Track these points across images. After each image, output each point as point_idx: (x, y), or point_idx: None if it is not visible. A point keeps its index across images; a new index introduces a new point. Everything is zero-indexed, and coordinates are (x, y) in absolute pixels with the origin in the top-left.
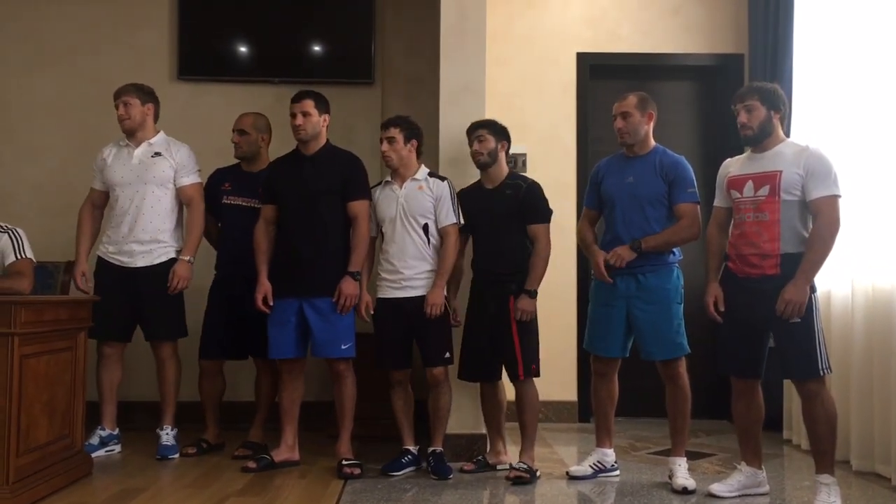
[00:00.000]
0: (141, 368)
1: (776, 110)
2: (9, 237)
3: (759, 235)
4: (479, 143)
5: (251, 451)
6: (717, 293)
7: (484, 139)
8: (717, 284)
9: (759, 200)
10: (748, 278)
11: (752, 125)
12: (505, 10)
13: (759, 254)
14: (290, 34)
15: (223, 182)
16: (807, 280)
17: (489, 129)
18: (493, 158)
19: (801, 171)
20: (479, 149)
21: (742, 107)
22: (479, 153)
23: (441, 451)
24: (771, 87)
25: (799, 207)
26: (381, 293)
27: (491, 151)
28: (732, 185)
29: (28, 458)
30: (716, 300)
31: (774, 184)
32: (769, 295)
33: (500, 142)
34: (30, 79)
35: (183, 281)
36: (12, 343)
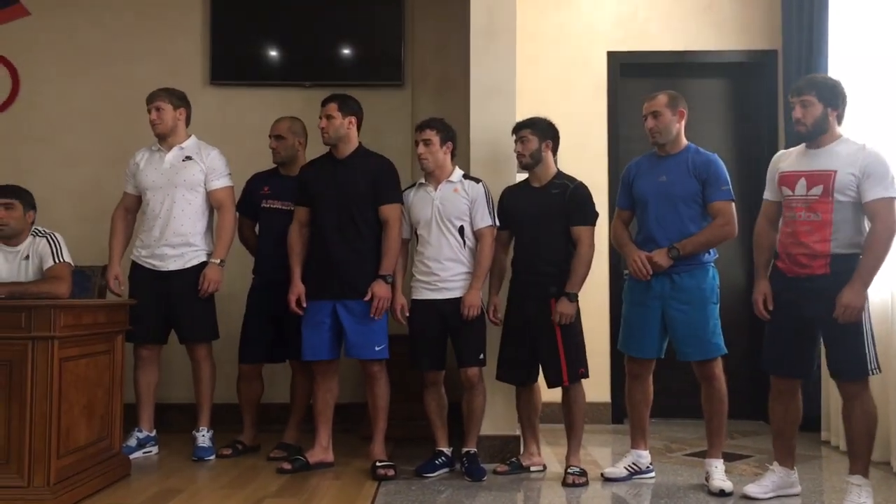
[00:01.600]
0: (177, 371)
1: (833, 107)
2: (47, 241)
3: (809, 235)
4: (522, 145)
5: (286, 452)
6: (767, 291)
7: (527, 140)
8: (766, 282)
9: (812, 200)
10: (797, 277)
11: (807, 121)
12: (534, 10)
13: (808, 254)
14: (321, 38)
15: (262, 186)
16: (864, 284)
17: (532, 129)
18: (535, 159)
19: (856, 171)
20: (521, 150)
21: (798, 101)
22: (522, 154)
23: (475, 452)
24: (832, 82)
25: (853, 208)
26: (416, 294)
27: (533, 152)
28: (784, 181)
29: (68, 460)
30: (765, 298)
31: (828, 184)
32: (818, 294)
33: (543, 141)
34: (66, 86)
35: (213, 284)
36: (52, 346)
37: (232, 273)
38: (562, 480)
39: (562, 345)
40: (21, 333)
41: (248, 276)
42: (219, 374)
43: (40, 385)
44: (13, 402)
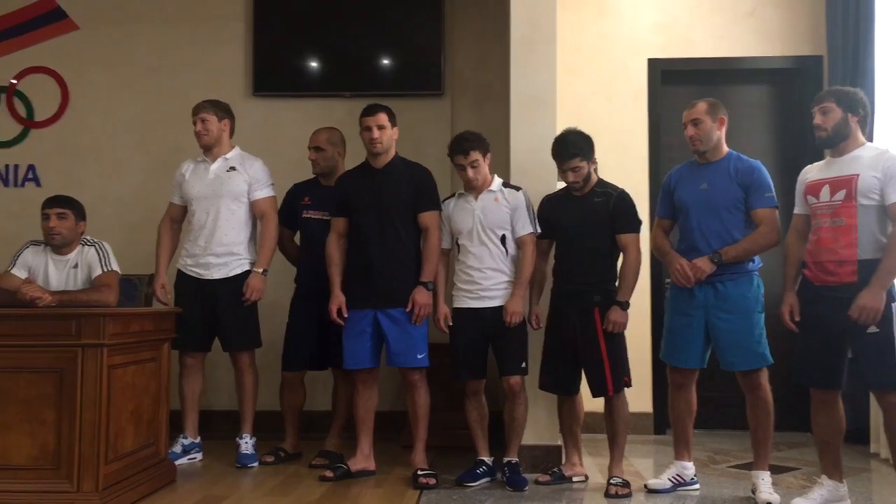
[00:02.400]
0: (220, 378)
1: (853, 113)
2: (95, 251)
3: (835, 241)
4: (575, 174)
5: (328, 460)
6: (793, 302)
7: (578, 168)
8: (793, 294)
9: (836, 205)
10: (825, 286)
11: (826, 126)
12: (575, 18)
13: (835, 260)
14: (361, 48)
15: (302, 196)
16: (883, 286)
17: (581, 157)
18: (586, 181)
19: (878, 174)
20: (575, 178)
21: (818, 109)
22: (576, 182)
23: (517, 462)
24: (852, 90)
25: (877, 212)
26: (457, 303)
27: (586, 176)
28: (810, 190)
29: (116, 466)
30: (791, 310)
31: (851, 188)
32: (847, 304)
33: (590, 160)
34: (113, 98)
35: (257, 293)
36: (101, 354)
37: (274, 281)
38: (604, 491)
39: (606, 354)
40: (71, 341)
41: (291, 284)
42: (261, 382)
43: (89, 392)
44: (63, 409)
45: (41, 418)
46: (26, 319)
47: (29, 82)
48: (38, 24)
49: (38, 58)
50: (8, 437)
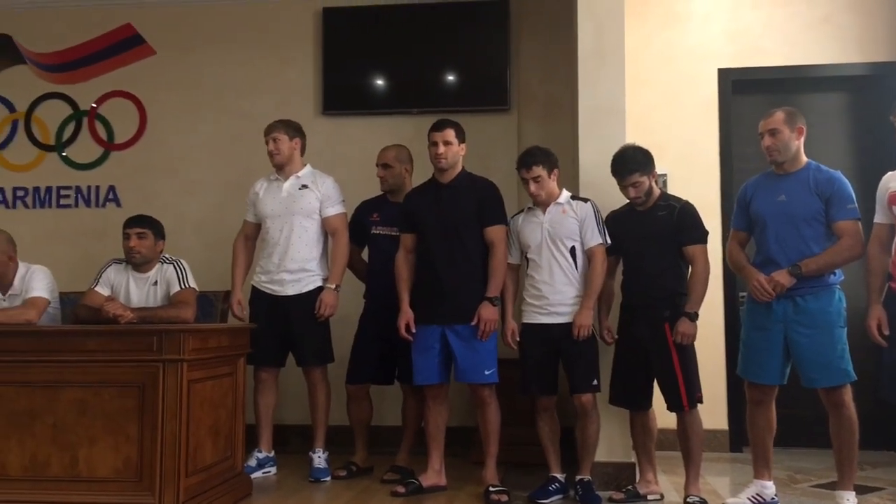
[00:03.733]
0: (292, 393)
1: None
2: (174, 268)
3: None
4: (636, 189)
5: (399, 475)
6: (881, 315)
7: (639, 184)
8: (880, 306)
9: None
10: None
11: None
12: (642, 28)
13: None
14: (427, 65)
15: (371, 213)
16: None
17: (641, 172)
18: (649, 195)
19: None
20: (637, 193)
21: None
22: (637, 197)
23: (590, 479)
24: None
25: None
26: (526, 318)
27: (647, 190)
28: (894, 200)
29: (196, 479)
30: (879, 323)
31: None
32: None
33: (650, 175)
34: (189, 120)
35: (330, 308)
36: (181, 369)
37: (343, 297)
38: None
39: (679, 369)
40: (153, 356)
41: (360, 299)
42: (333, 397)
43: (170, 406)
44: (145, 423)
45: (125, 432)
46: (110, 336)
47: (109, 106)
48: (118, 51)
49: (117, 82)
50: (93, 449)
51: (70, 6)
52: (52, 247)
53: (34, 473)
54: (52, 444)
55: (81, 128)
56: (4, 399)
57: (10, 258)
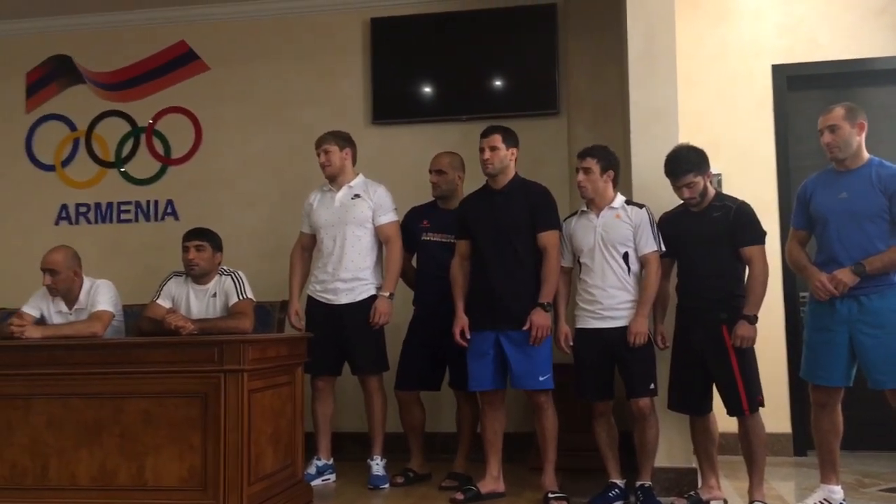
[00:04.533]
0: (348, 401)
1: None
2: (232, 280)
3: None
4: (690, 190)
5: (457, 481)
6: None
7: (693, 184)
8: None
9: None
10: None
11: None
12: (692, 28)
13: None
14: (476, 71)
15: (421, 219)
16: None
17: (695, 172)
18: (703, 196)
19: None
20: (691, 194)
21: None
22: (692, 198)
23: (650, 485)
24: None
25: None
26: (580, 323)
27: (702, 191)
28: None
29: (258, 487)
30: None
31: None
32: None
33: (705, 175)
34: (243, 133)
35: (384, 316)
36: (242, 379)
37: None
38: None
39: (738, 372)
40: (214, 367)
41: (409, 306)
42: (388, 404)
43: (232, 415)
44: (208, 432)
45: (188, 441)
46: (173, 347)
47: (166, 122)
48: (173, 67)
49: (173, 98)
50: (159, 459)
51: (126, 26)
52: (114, 261)
53: (103, 483)
54: (119, 454)
55: (139, 144)
56: (73, 410)
57: (75, 273)
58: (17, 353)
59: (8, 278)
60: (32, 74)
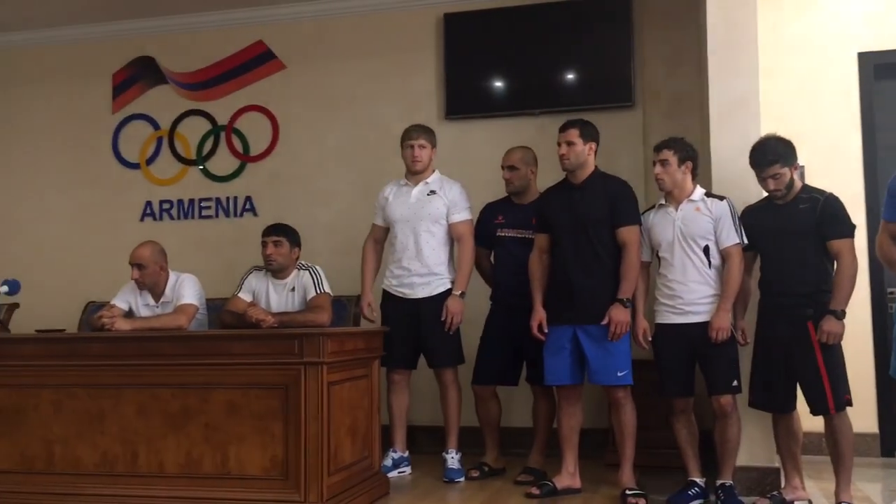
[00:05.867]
0: (422, 394)
1: None
2: (310, 274)
3: None
4: (776, 181)
5: (532, 476)
6: None
7: (779, 176)
8: None
9: None
10: None
11: None
12: (773, 16)
13: None
14: (548, 64)
15: (496, 215)
16: None
17: (781, 163)
18: (790, 187)
19: None
20: (777, 186)
21: None
22: (778, 190)
23: (731, 484)
24: None
25: None
26: (660, 318)
27: (788, 183)
28: None
29: (337, 478)
30: None
31: None
32: None
33: (791, 166)
34: (318, 130)
35: (456, 315)
36: (322, 371)
37: (470, 298)
38: None
39: (824, 369)
40: (295, 359)
41: (486, 301)
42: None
43: (311, 407)
44: (289, 423)
45: (270, 431)
46: (255, 340)
47: (244, 120)
48: (251, 67)
49: (251, 97)
50: (242, 448)
51: (206, 27)
52: (195, 256)
53: (189, 470)
54: (204, 443)
55: (219, 142)
56: (161, 401)
57: (161, 268)
58: (107, 344)
59: (97, 272)
60: (118, 75)
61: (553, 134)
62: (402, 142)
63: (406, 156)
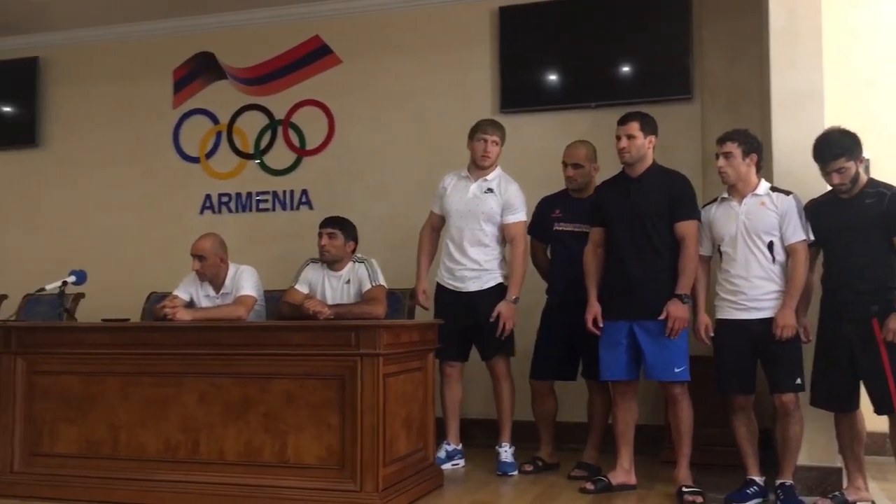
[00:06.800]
0: (474, 387)
1: None
2: (365, 267)
3: None
4: (841, 175)
5: (586, 472)
6: None
7: (844, 170)
8: None
9: None
10: None
11: None
12: (838, 3)
13: None
14: (604, 57)
15: (553, 209)
16: None
17: (847, 156)
18: (855, 181)
19: None
20: (842, 180)
21: None
22: (843, 184)
23: (791, 484)
24: None
25: None
26: (721, 314)
27: (853, 177)
28: None
29: (392, 469)
30: None
31: None
32: None
33: (857, 160)
34: (374, 125)
35: (509, 321)
36: (378, 363)
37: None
38: None
39: (889, 368)
40: (351, 351)
41: (541, 293)
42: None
43: (367, 398)
44: (346, 414)
45: (327, 422)
46: (312, 331)
47: (301, 115)
48: (308, 62)
49: (307, 92)
50: (300, 438)
51: (263, 23)
52: (253, 248)
53: (249, 458)
54: (264, 432)
55: (276, 136)
56: (222, 390)
57: (221, 259)
58: (170, 333)
59: (159, 263)
60: (179, 71)
61: (608, 127)
62: (472, 134)
63: (476, 148)
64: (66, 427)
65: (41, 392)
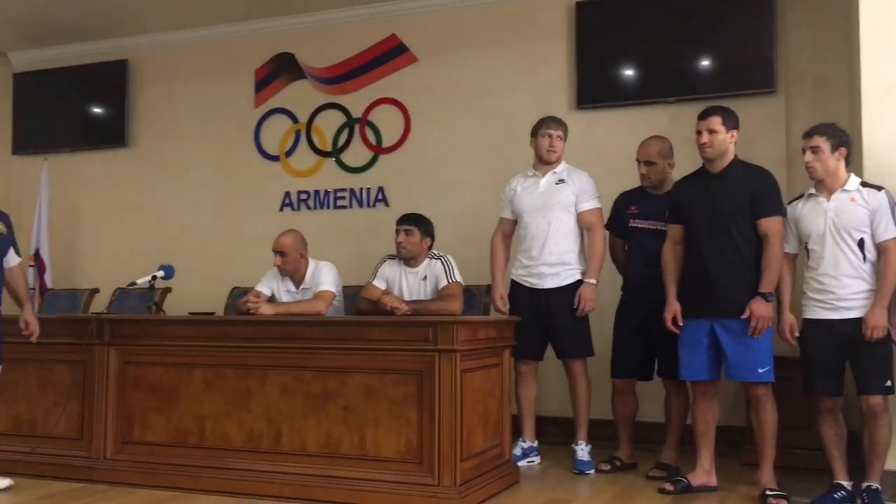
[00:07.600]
0: (549, 385)
1: None
2: (441, 263)
3: None
4: None
5: (665, 472)
6: None
7: None
8: None
9: None
10: None
11: None
12: None
13: None
14: (683, 51)
15: (630, 205)
16: None
17: None
18: None
19: None
20: None
21: None
22: None
23: (878, 488)
24: None
25: None
26: (808, 313)
27: None
28: None
29: (469, 464)
30: None
31: None
32: None
33: None
34: (448, 122)
35: (589, 303)
36: (455, 358)
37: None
38: None
39: None
40: (429, 346)
41: (616, 291)
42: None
43: (445, 393)
44: (424, 409)
45: (405, 416)
46: (391, 326)
47: (378, 112)
48: (384, 60)
49: (384, 90)
50: (378, 431)
51: (341, 23)
52: (331, 244)
53: (329, 450)
54: (343, 425)
55: (354, 134)
56: (302, 382)
57: (301, 255)
58: (253, 327)
59: (241, 259)
60: (260, 71)
61: (687, 122)
62: (536, 130)
63: (542, 144)
64: (155, 416)
65: (132, 382)
